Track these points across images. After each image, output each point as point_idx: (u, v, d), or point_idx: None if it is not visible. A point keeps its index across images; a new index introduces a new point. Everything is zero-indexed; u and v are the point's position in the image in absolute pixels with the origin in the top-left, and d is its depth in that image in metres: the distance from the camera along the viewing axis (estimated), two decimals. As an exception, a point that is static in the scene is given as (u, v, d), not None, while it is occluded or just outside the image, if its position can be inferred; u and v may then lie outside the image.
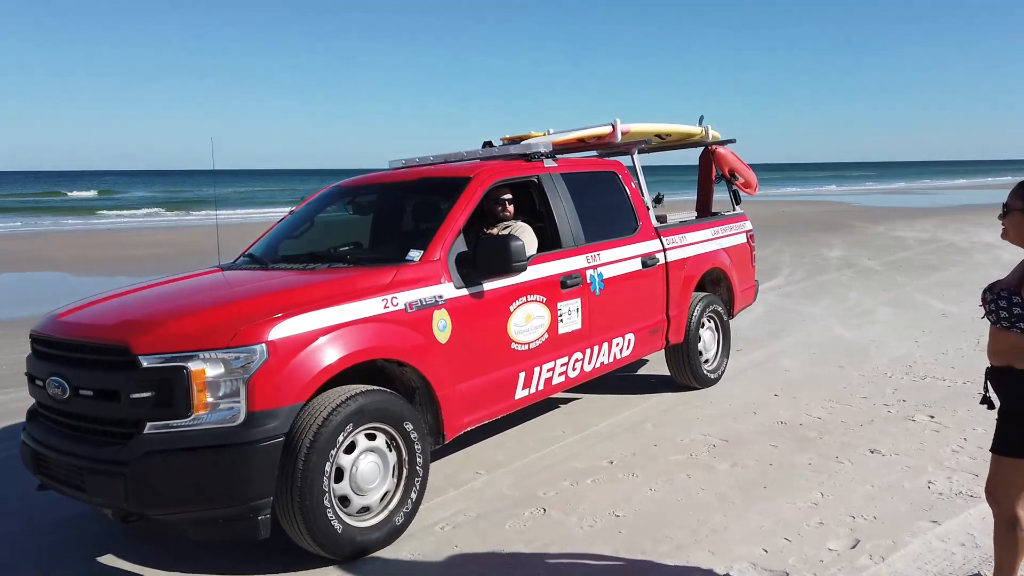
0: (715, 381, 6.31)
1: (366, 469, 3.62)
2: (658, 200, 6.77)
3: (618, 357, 5.35)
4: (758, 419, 5.49)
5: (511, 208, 5.01)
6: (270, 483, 3.32)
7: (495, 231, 4.88)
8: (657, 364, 6.74)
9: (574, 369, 4.95)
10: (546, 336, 4.69)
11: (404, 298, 3.87)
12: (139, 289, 4.26)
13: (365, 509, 3.66)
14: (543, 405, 5.77)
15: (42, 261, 17.14)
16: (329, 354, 3.50)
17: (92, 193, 57.61)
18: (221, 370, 3.25)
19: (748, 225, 7.07)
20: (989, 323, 2.79)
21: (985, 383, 2.85)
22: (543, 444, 5.14)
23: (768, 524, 3.86)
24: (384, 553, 3.71)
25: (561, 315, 4.79)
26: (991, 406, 2.84)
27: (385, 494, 3.74)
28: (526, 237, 4.80)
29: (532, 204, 5.20)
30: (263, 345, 3.31)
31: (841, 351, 7.35)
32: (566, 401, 6.04)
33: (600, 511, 4.09)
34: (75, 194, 55.84)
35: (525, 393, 4.60)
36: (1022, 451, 2.72)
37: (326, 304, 3.59)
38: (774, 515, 3.96)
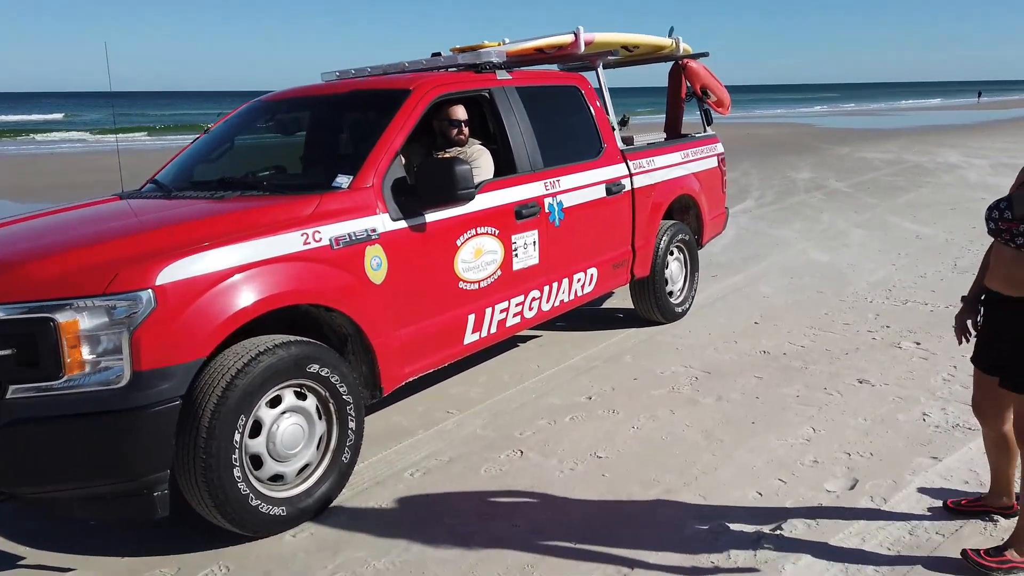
0: (681, 315, 5.98)
1: (288, 433, 3.15)
2: (623, 122, 6.30)
3: (579, 294, 4.95)
4: (740, 348, 5.23)
5: (467, 130, 4.47)
6: (165, 455, 2.82)
7: (449, 155, 4.39)
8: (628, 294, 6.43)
9: (531, 309, 4.53)
10: (499, 273, 4.23)
11: (329, 232, 3.34)
12: (10, 223, 3.63)
13: (279, 477, 3.18)
14: (517, 337, 5.44)
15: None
16: (234, 300, 2.95)
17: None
18: (98, 321, 2.70)
19: (720, 148, 6.64)
20: (1006, 248, 2.61)
21: (981, 309, 2.82)
22: (518, 379, 4.82)
23: (760, 464, 3.61)
24: (350, 503, 3.39)
25: (516, 249, 4.34)
26: (976, 328, 2.86)
27: (307, 465, 3.27)
28: (481, 162, 4.33)
29: (485, 124, 4.68)
30: (149, 291, 2.76)
31: (818, 275, 7.11)
32: (540, 333, 5.71)
33: (581, 452, 3.80)
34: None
35: (476, 337, 4.16)
36: None
37: (231, 240, 3.03)
38: (766, 453, 3.71)
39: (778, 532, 3.03)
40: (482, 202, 4.10)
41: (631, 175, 5.35)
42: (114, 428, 2.74)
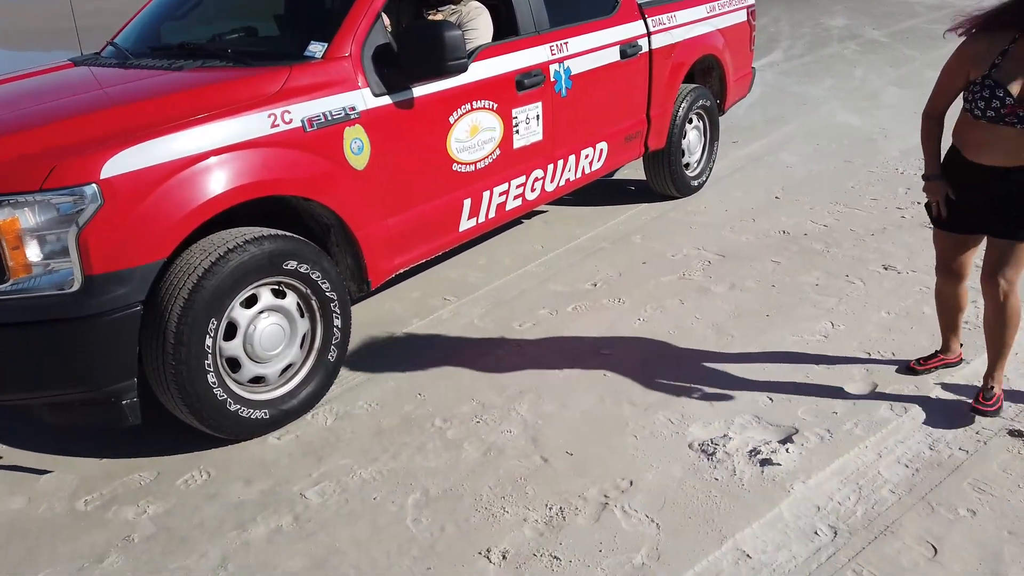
0: (698, 189, 5.56)
1: (267, 333, 2.91)
2: None
3: (587, 172, 4.53)
4: (758, 227, 4.88)
5: None
6: (128, 363, 2.62)
7: (439, 17, 3.87)
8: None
9: (532, 190, 4.14)
10: (498, 152, 3.82)
11: (300, 112, 2.94)
12: None
13: (260, 379, 2.97)
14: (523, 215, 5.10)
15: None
16: (192, 195, 2.63)
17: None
18: (40, 219, 2.42)
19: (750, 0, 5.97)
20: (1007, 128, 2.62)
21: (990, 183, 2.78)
22: (520, 262, 4.54)
23: (772, 365, 3.38)
24: (339, 402, 3.21)
25: (517, 125, 3.90)
26: (947, 204, 2.93)
27: (290, 366, 3.05)
28: (478, 23, 3.82)
29: None
30: (94, 186, 2.45)
31: (847, 141, 6.61)
32: (546, 209, 5.36)
33: (583, 349, 3.57)
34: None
35: (472, 224, 3.82)
36: None
37: (188, 125, 2.68)
38: (779, 352, 3.47)
39: (788, 445, 2.83)
40: (479, 72, 3.65)
41: (649, 34, 4.80)
42: (70, 336, 2.52)
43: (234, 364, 2.87)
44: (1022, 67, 2.57)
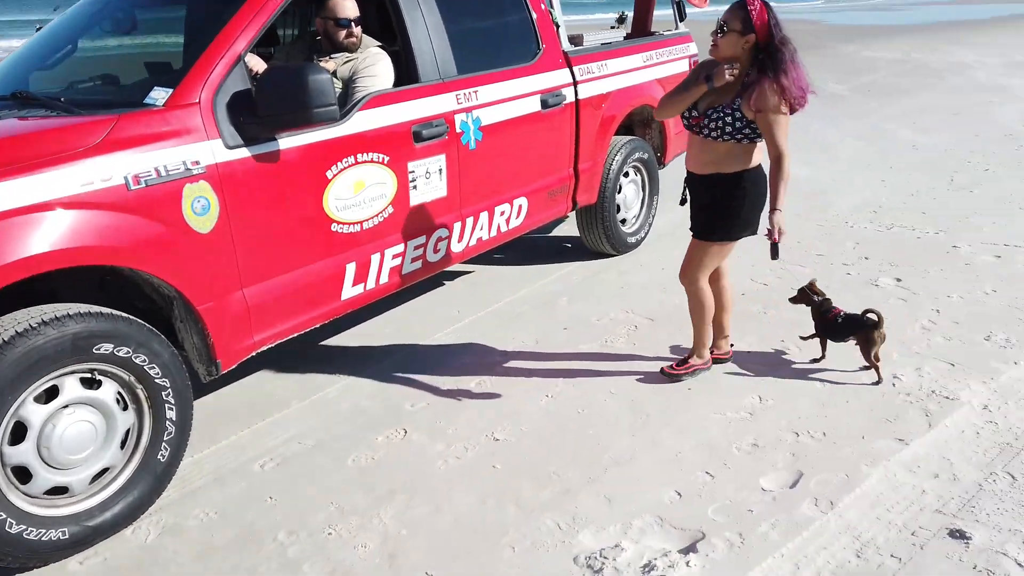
0: (636, 246, 5.15)
1: (72, 432, 2.41)
2: (621, 20, 5.31)
3: (503, 230, 4.10)
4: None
5: (358, 31, 3.53)
6: None
7: (330, 65, 3.49)
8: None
9: (436, 251, 3.69)
10: (390, 210, 3.38)
11: (123, 167, 2.47)
12: None
13: (64, 489, 2.45)
14: (446, 272, 4.66)
15: None
16: None
17: None
18: None
19: (692, 48, 5.64)
20: (699, 137, 3.12)
21: (685, 187, 3.34)
22: (431, 328, 4.08)
23: (687, 449, 2.90)
24: (169, 511, 2.69)
25: (415, 180, 3.47)
26: (683, 202, 3.38)
27: (106, 470, 2.54)
28: (377, 70, 3.44)
29: (390, 23, 3.72)
30: None
31: (798, 195, 6.19)
32: (472, 268, 4.93)
33: (476, 433, 3.09)
34: None
35: (358, 291, 3.35)
36: (721, 237, 3.22)
37: None
38: (697, 434, 2.99)
39: (690, 556, 2.34)
40: (365, 121, 3.23)
41: (575, 83, 4.44)
42: None
43: (23, 473, 2.37)
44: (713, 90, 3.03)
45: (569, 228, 5.55)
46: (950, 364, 3.39)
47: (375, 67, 3.48)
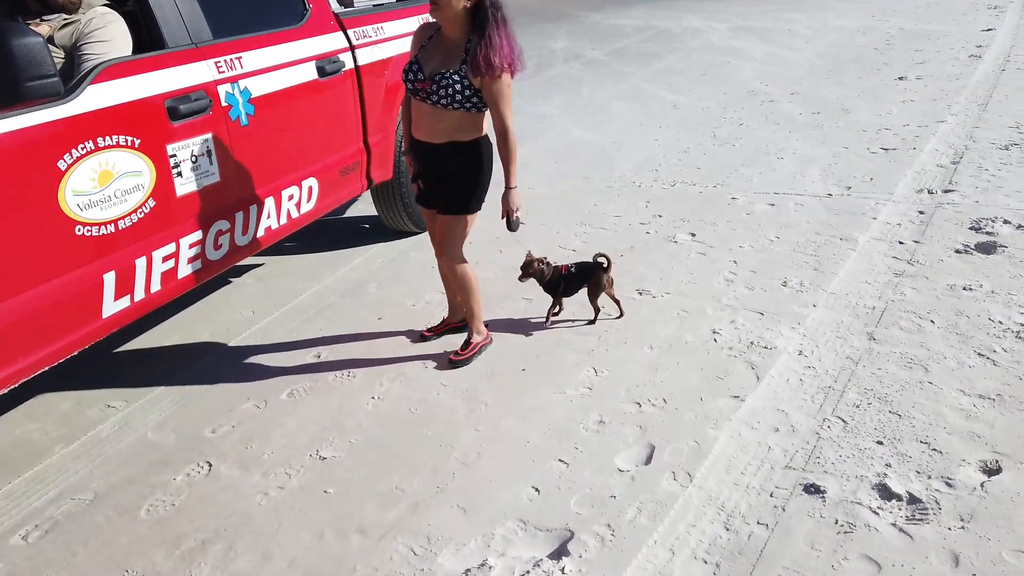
0: None
1: None
2: None
3: (295, 216, 3.61)
4: (505, 260, 4.23)
5: None
6: None
7: (43, 29, 2.77)
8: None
9: (217, 248, 3.13)
10: (151, 204, 2.79)
11: None
12: None
13: None
14: (229, 271, 4.04)
15: None
16: None
17: None
18: None
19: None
20: (427, 105, 2.92)
21: (413, 160, 3.15)
22: (220, 336, 3.50)
23: (536, 436, 2.68)
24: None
25: (178, 165, 2.89)
26: (417, 177, 3.18)
27: None
28: (108, 34, 2.78)
29: None
30: None
31: (584, 157, 6.26)
32: (260, 260, 4.34)
33: (298, 453, 2.64)
34: None
35: (124, 304, 2.73)
36: (465, 210, 3.07)
37: None
38: (542, 417, 2.78)
39: (564, 560, 2.12)
40: (102, 97, 2.59)
41: (353, 48, 3.98)
42: None
43: None
44: (437, 53, 2.91)
45: (365, 207, 5.11)
46: (759, 313, 3.48)
47: (106, 30, 2.82)
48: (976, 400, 2.72)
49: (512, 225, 3.05)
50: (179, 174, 2.88)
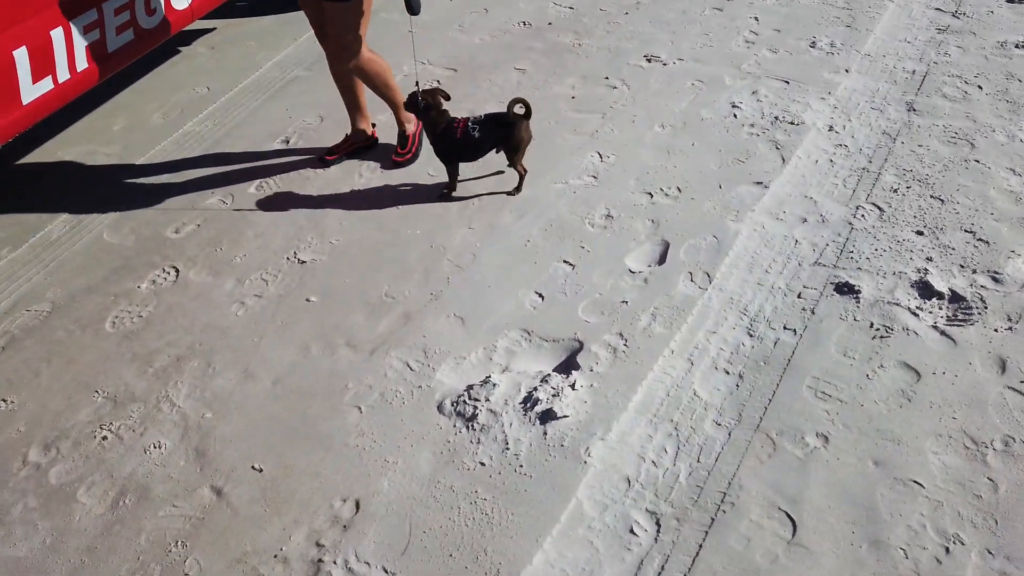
0: None
1: None
2: None
3: None
4: (492, 21, 3.65)
5: None
6: None
7: None
8: None
9: (151, 12, 2.65)
10: None
11: None
12: None
13: None
14: (175, 38, 3.46)
15: None
16: None
17: None
18: None
19: None
20: None
21: None
22: (175, 116, 3.04)
23: (536, 234, 2.37)
24: None
25: None
26: None
27: None
28: None
29: None
30: None
31: None
32: (208, 24, 3.73)
33: (274, 255, 2.34)
34: None
35: (47, 87, 2.30)
36: None
37: None
38: (542, 211, 2.46)
39: (572, 375, 1.91)
40: None
41: None
42: None
43: None
44: None
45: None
46: (784, 82, 3.04)
47: None
48: (1027, 182, 2.42)
49: (412, 7, 2.38)
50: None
